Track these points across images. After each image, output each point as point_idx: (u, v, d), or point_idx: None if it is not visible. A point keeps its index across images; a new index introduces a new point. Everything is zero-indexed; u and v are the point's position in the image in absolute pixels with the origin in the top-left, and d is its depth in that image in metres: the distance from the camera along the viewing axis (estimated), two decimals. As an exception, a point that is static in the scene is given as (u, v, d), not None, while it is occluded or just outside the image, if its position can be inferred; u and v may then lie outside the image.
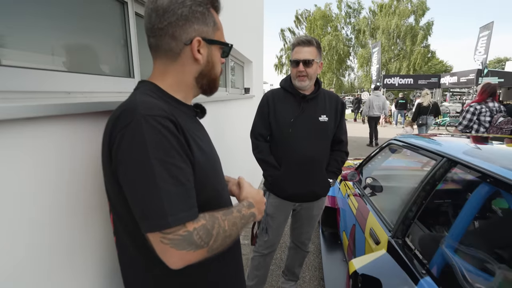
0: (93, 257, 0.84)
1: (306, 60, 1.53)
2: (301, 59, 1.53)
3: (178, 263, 0.59)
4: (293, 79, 1.62)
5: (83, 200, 0.79)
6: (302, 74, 1.55)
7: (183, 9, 0.67)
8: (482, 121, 3.15)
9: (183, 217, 0.58)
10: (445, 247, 1.14)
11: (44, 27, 0.81)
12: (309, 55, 1.53)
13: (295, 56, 1.56)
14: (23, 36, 0.75)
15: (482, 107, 3.15)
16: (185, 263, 0.60)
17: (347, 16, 26.77)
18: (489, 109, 3.13)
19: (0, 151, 0.57)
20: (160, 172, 0.57)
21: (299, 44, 1.55)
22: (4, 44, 0.70)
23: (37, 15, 0.78)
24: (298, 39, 1.57)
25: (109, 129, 0.64)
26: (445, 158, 1.36)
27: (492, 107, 3.14)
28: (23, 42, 0.75)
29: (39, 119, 0.65)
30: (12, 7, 0.70)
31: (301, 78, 1.56)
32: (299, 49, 1.55)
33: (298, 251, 1.98)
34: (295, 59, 1.56)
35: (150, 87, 0.72)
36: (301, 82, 1.57)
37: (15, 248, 0.61)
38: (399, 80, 16.35)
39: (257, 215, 0.81)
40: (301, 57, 1.53)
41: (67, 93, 0.84)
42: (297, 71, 1.55)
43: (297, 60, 1.54)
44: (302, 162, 1.62)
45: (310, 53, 1.53)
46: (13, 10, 0.71)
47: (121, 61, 1.17)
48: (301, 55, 1.54)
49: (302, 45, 1.54)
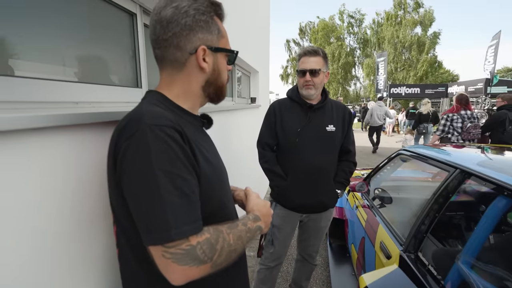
0: (95, 270, 0.82)
1: (313, 69, 1.54)
2: (308, 69, 1.55)
3: (180, 279, 0.56)
4: (300, 88, 1.62)
5: (88, 210, 0.78)
6: (309, 83, 1.56)
7: (187, 19, 0.67)
8: (455, 127, 3.73)
9: (186, 231, 0.56)
10: (461, 263, 1.09)
11: (54, 38, 0.82)
12: (315, 65, 1.55)
13: (301, 66, 1.58)
14: (34, 46, 0.76)
15: (454, 115, 3.74)
16: (187, 279, 0.57)
17: (349, 26, 27.01)
18: (461, 117, 3.71)
19: (10, 159, 0.56)
20: (164, 183, 0.56)
21: (306, 54, 1.57)
22: (15, 55, 0.71)
23: (48, 26, 0.79)
24: (305, 49, 1.60)
25: (114, 138, 0.63)
26: (458, 170, 1.32)
27: (464, 115, 3.71)
28: (34, 52, 0.76)
29: (47, 129, 0.64)
30: (24, 18, 0.71)
31: (308, 87, 1.57)
32: (305, 59, 1.57)
33: (305, 264, 1.93)
34: (301, 68, 1.58)
35: (157, 97, 0.71)
36: (308, 91, 1.57)
37: (20, 254, 0.59)
38: (405, 90, 16.28)
39: (264, 228, 0.79)
40: (307, 67, 1.55)
41: (75, 103, 0.84)
42: (304, 81, 1.57)
43: (303, 69, 1.56)
44: (309, 172, 1.59)
45: (316, 63, 1.55)
46: (25, 21, 0.72)
47: (129, 71, 1.18)
48: (307, 65, 1.55)
49: (308, 55, 1.56)
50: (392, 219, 1.72)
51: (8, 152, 0.56)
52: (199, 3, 0.69)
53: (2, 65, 0.67)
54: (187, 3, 0.68)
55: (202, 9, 0.69)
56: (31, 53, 0.75)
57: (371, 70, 25.61)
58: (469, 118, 3.69)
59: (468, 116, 3.71)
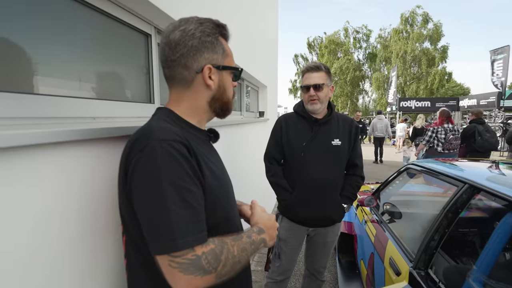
0: (105, 280, 0.85)
1: (316, 84, 1.58)
2: (311, 84, 1.59)
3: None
4: (305, 104, 1.66)
5: (102, 221, 0.81)
6: (313, 98, 1.59)
7: (193, 41, 0.72)
8: (439, 138, 4.33)
9: (192, 241, 0.59)
10: (472, 280, 1.06)
11: (75, 58, 0.88)
12: (319, 80, 1.58)
13: (305, 82, 1.63)
14: (57, 66, 0.82)
15: (439, 128, 4.35)
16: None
17: (356, 41, 27.24)
18: (444, 129, 4.32)
19: (33, 173, 0.61)
20: (171, 194, 0.59)
21: (308, 70, 1.62)
22: (39, 73, 0.77)
23: (70, 47, 0.86)
24: (307, 65, 1.65)
25: (126, 152, 0.67)
26: (467, 185, 1.31)
27: (446, 128, 4.32)
28: (56, 72, 0.82)
29: (67, 143, 0.69)
30: (50, 41, 0.78)
31: (313, 102, 1.60)
32: (308, 75, 1.61)
33: (313, 279, 1.89)
34: (305, 84, 1.62)
35: (166, 113, 0.76)
36: (313, 106, 1.60)
37: (36, 260, 0.62)
38: (415, 103, 16.12)
39: (268, 241, 0.80)
40: (311, 82, 1.59)
41: (92, 118, 0.90)
42: (309, 96, 1.60)
43: (307, 85, 1.60)
44: (315, 186, 1.60)
45: (319, 78, 1.59)
46: (50, 43, 0.78)
47: (143, 87, 1.25)
48: (311, 80, 1.60)
49: (311, 71, 1.61)
50: (401, 235, 1.69)
51: (31, 166, 0.60)
52: (204, 26, 0.75)
53: (27, 83, 0.73)
54: (194, 26, 0.73)
55: (208, 31, 0.75)
56: (54, 72, 0.81)
57: (380, 83, 25.58)
58: (451, 130, 4.30)
59: (450, 129, 4.31)
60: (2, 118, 0.63)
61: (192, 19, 0.75)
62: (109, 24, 1.02)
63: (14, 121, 0.65)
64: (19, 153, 0.58)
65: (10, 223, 0.57)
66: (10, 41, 0.68)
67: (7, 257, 0.56)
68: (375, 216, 2.11)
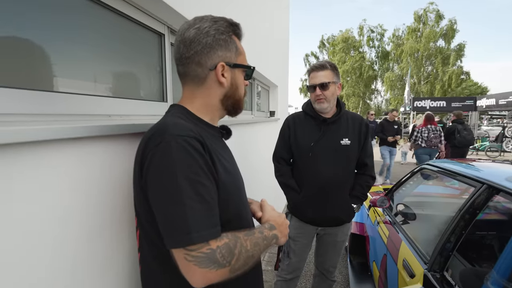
0: (119, 274, 0.87)
1: (322, 83, 1.55)
2: (317, 83, 1.56)
3: (201, 281, 0.59)
4: (312, 103, 1.64)
5: (118, 216, 0.84)
6: (320, 97, 1.57)
7: (207, 39, 0.73)
8: (423, 137, 5.39)
9: (207, 235, 0.60)
10: (491, 284, 1.03)
11: (91, 57, 0.91)
12: (324, 78, 1.56)
13: (311, 81, 1.61)
14: (74, 65, 0.84)
15: (423, 128, 5.40)
16: (207, 282, 0.60)
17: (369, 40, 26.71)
18: (427, 130, 5.37)
19: (52, 169, 0.63)
20: (186, 189, 0.60)
21: (313, 69, 1.60)
22: (58, 72, 0.79)
23: (87, 47, 0.88)
24: (312, 65, 1.63)
25: (141, 148, 0.68)
26: (485, 185, 1.27)
27: (429, 128, 5.37)
28: (73, 70, 0.85)
29: (85, 139, 0.71)
30: (68, 42, 0.81)
31: (320, 101, 1.58)
32: (314, 74, 1.59)
33: (324, 279, 1.88)
34: (311, 84, 1.60)
35: (180, 110, 0.77)
36: (320, 105, 1.59)
37: (61, 252, 0.65)
38: (430, 103, 15.70)
39: (280, 237, 0.80)
40: (316, 82, 1.57)
41: (108, 115, 0.92)
42: (315, 95, 1.58)
43: (313, 85, 1.58)
44: (323, 186, 1.59)
45: (325, 76, 1.56)
46: (69, 44, 0.81)
47: (156, 86, 1.27)
48: (316, 79, 1.58)
49: (316, 70, 1.59)
50: (415, 236, 1.65)
51: (50, 161, 0.63)
52: (218, 24, 0.76)
53: (47, 81, 0.76)
54: (208, 25, 0.74)
55: (222, 29, 0.75)
56: (71, 70, 0.84)
57: (393, 83, 25.05)
58: (433, 131, 5.34)
59: (432, 130, 5.35)
60: (26, 114, 0.66)
61: (206, 17, 0.76)
62: (124, 24, 1.04)
63: (33, 117, 0.68)
64: (44, 147, 0.60)
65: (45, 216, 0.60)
66: (32, 42, 0.71)
67: (42, 246, 0.59)
68: (388, 217, 2.07)
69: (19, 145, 0.56)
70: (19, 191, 0.56)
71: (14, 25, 0.66)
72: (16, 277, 0.57)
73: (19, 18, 0.66)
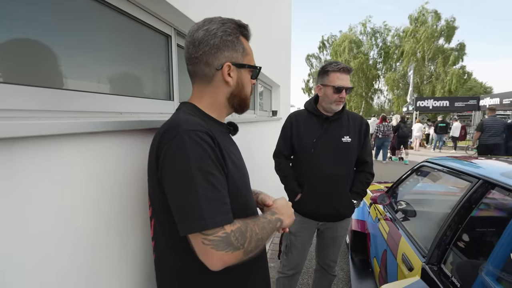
0: (134, 261, 0.92)
1: (350, 87, 1.58)
2: (346, 87, 1.56)
3: (218, 264, 0.64)
4: (330, 103, 1.61)
5: (132, 205, 0.89)
6: (342, 100, 1.59)
7: (215, 40, 0.78)
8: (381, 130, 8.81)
9: (221, 220, 0.65)
10: (486, 274, 1.07)
11: (103, 58, 0.96)
12: (350, 83, 1.59)
13: (338, 82, 1.56)
14: (87, 65, 0.90)
15: (380, 125, 8.87)
16: (224, 264, 0.65)
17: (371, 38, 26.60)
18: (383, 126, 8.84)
19: (68, 161, 0.68)
20: (199, 179, 0.64)
21: (341, 71, 1.56)
22: (73, 72, 0.85)
23: (99, 49, 0.94)
24: (338, 66, 1.57)
25: (156, 142, 0.73)
26: (481, 180, 1.30)
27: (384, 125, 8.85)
28: (87, 71, 0.90)
29: (97, 133, 0.76)
30: (82, 44, 0.86)
31: (340, 103, 1.61)
32: (342, 76, 1.56)
33: (324, 274, 1.92)
34: (339, 85, 1.56)
35: (190, 107, 0.82)
36: (339, 106, 1.62)
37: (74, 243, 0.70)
38: (433, 103, 15.65)
39: (284, 219, 0.85)
40: (345, 85, 1.57)
41: (119, 113, 0.98)
42: (339, 97, 1.58)
43: (341, 87, 1.56)
44: (324, 182, 1.63)
45: (349, 81, 1.59)
46: (82, 47, 0.86)
47: (163, 86, 1.32)
48: (344, 82, 1.57)
49: (345, 72, 1.57)
50: (414, 231, 1.69)
51: (65, 153, 0.68)
52: (226, 26, 0.80)
53: (62, 80, 0.81)
54: (216, 26, 0.79)
55: (229, 31, 0.80)
56: (85, 71, 0.89)
57: (395, 83, 24.99)
58: (386, 126, 8.85)
59: (386, 125, 8.86)
60: (44, 111, 0.71)
61: (215, 19, 0.81)
62: (133, 27, 1.09)
63: (49, 113, 0.72)
64: (58, 141, 0.66)
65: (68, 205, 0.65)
66: (48, 45, 0.76)
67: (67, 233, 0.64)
68: (389, 214, 2.11)
69: (35, 139, 0.60)
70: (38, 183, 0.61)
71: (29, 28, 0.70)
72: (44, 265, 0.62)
73: (33, 22, 0.70)
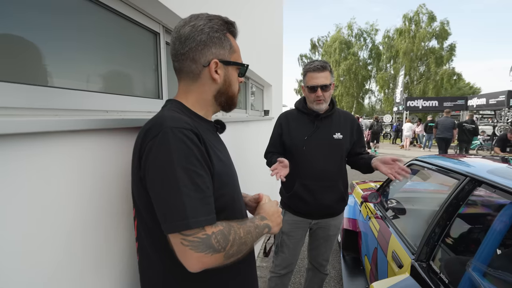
0: (116, 264, 0.90)
1: (324, 85, 1.57)
2: (319, 85, 1.57)
3: (196, 265, 0.62)
4: (310, 104, 1.65)
5: (118, 205, 0.87)
6: (320, 98, 1.59)
7: (202, 36, 0.77)
8: None
9: (202, 221, 0.63)
10: (473, 270, 1.08)
11: (88, 55, 0.94)
12: (325, 80, 1.58)
13: (312, 81, 1.59)
14: (72, 62, 0.87)
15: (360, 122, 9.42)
16: (202, 266, 0.63)
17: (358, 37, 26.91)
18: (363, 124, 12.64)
19: (51, 159, 0.66)
20: (183, 178, 0.63)
21: (314, 70, 1.58)
22: (57, 69, 0.82)
23: (84, 45, 0.91)
24: (312, 65, 1.60)
25: (140, 139, 0.71)
26: (468, 178, 1.33)
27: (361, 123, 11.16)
28: (71, 67, 0.88)
29: (83, 132, 0.74)
30: (66, 40, 0.83)
31: (320, 102, 1.61)
32: (315, 75, 1.58)
33: (316, 273, 1.92)
34: (312, 85, 1.58)
35: (176, 105, 0.81)
36: (319, 106, 1.62)
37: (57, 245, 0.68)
38: (422, 103, 15.95)
39: (273, 226, 0.84)
40: (318, 83, 1.57)
41: (105, 111, 0.95)
42: (316, 96, 1.59)
43: (314, 85, 1.58)
44: (316, 178, 1.64)
45: (325, 78, 1.58)
46: (67, 43, 0.84)
47: (152, 84, 1.30)
48: (318, 80, 1.57)
49: (317, 71, 1.58)
50: (404, 229, 1.71)
51: (50, 150, 0.66)
52: (213, 22, 0.79)
53: (46, 77, 0.79)
54: (203, 22, 0.78)
55: (216, 27, 0.79)
56: (70, 67, 0.87)
57: (385, 83, 25.36)
58: (365, 124, 12.02)
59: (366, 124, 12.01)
60: (28, 108, 0.69)
61: (202, 15, 0.79)
62: (121, 23, 1.07)
63: (34, 111, 0.70)
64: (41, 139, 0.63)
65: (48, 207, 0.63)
66: (33, 41, 0.73)
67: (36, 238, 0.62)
68: (379, 212, 2.13)
69: (19, 136, 0.58)
70: (21, 181, 0.59)
71: (15, 25, 0.68)
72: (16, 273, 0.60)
73: (19, 18, 0.69)
